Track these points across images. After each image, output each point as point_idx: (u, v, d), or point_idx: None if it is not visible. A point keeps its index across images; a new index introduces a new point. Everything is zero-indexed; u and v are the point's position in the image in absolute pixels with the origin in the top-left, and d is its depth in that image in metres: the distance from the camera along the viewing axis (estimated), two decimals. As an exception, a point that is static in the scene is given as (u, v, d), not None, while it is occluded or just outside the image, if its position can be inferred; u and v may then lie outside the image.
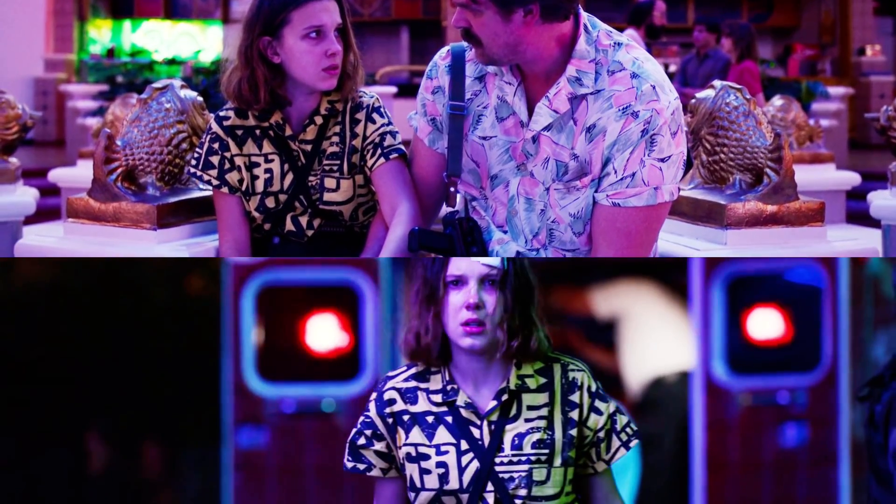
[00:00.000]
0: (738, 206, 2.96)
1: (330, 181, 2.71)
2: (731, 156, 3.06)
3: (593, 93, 2.36)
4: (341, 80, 2.68)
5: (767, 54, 14.09)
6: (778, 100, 6.94)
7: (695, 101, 3.13)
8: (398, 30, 15.10)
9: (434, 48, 3.12)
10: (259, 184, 2.74)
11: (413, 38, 15.13)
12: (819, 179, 6.41)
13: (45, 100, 13.69)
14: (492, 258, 1.83)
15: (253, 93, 2.66)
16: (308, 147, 2.72)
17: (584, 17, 2.38)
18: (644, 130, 2.32)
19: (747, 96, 3.11)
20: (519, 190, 2.45)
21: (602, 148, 2.36)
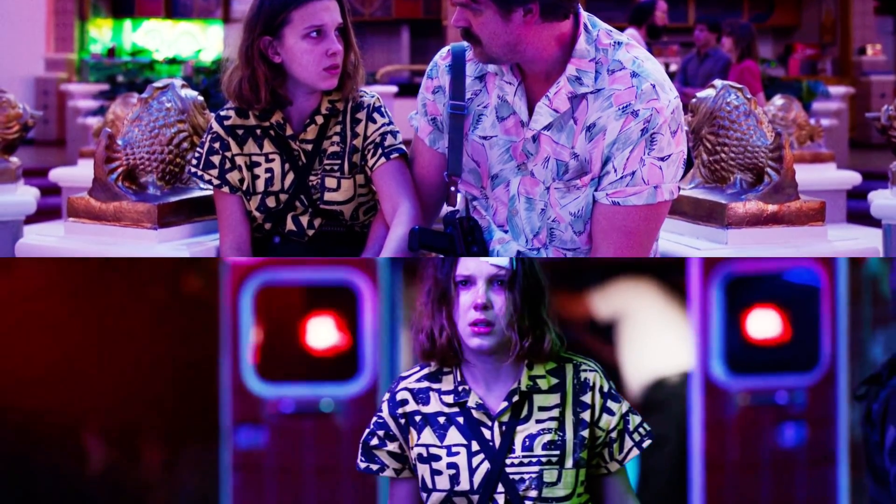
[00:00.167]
0: (738, 206, 2.96)
1: (331, 181, 2.71)
2: (732, 155, 3.05)
3: (593, 92, 2.36)
4: (342, 79, 2.68)
5: (768, 54, 14.08)
6: (779, 99, 6.94)
7: (695, 100, 3.13)
8: (399, 29, 15.09)
9: (435, 48, 3.13)
10: (260, 183, 2.74)
11: (414, 37, 15.11)
12: (820, 179, 6.42)
13: (46, 99, 13.68)
14: (500, 258, 1.82)
15: (254, 92, 2.65)
16: (309, 147, 2.72)
17: (583, 16, 2.38)
18: (644, 129, 2.32)
19: (748, 96, 3.11)
20: (519, 189, 2.45)
21: (602, 147, 2.35)
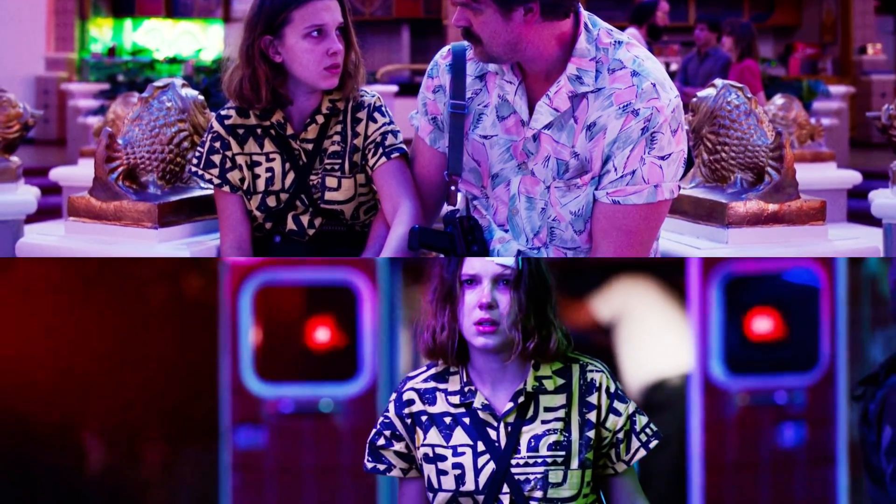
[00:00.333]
0: (739, 205, 2.95)
1: (331, 180, 2.71)
2: (733, 154, 3.05)
3: (594, 91, 2.35)
4: (343, 79, 2.68)
5: (768, 53, 14.07)
6: (779, 98, 6.95)
7: (696, 99, 3.13)
8: (399, 28, 15.09)
9: (435, 47, 3.13)
10: (260, 183, 2.73)
11: (414, 36, 15.11)
12: (820, 178, 6.42)
13: (47, 98, 13.68)
14: (507, 258, 1.82)
15: (254, 92, 2.65)
16: (309, 146, 2.72)
17: (584, 15, 2.38)
18: (644, 128, 2.32)
19: (748, 95, 3.10)
20: (520, 188, 2.45)
21: (602, 146, 2.35)
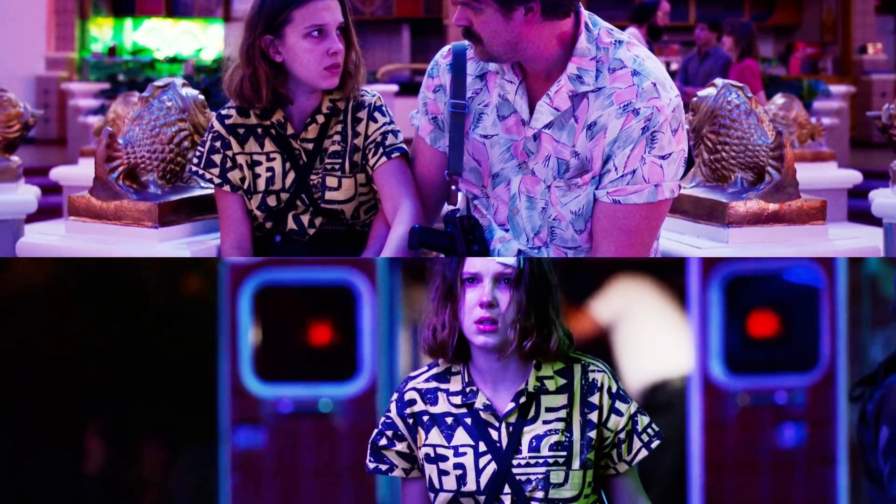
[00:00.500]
0: (739, 205, 2.95)
1: (331, 180, 2.71)
2: (733, 154, 3.05)
3: (594, 90, 2.35)
4: (343, 78, 2.68)
5: (769, 53, 14.07)
6: (779, 98, 6.95)
7: (696, 99, 3.13)
8: (399, 28, 15.09)
9: (435, 46, 3.13)
10: (261, 182, 2.73)
11: (414, 36, 15.11)
12: (821, 178, 6.41)
13: (47, 98, 13.68)
14: (509, 257, 1.82)
15: (254, 91, 2.65)
16: (310, 146, 2.71)
17: (584, 14, 2.38)
18: (645, 128, 2.32)
19: (749, 94, 3.10)
20: (520, 188, 2.45)
21: (603, 145, 2.35)
